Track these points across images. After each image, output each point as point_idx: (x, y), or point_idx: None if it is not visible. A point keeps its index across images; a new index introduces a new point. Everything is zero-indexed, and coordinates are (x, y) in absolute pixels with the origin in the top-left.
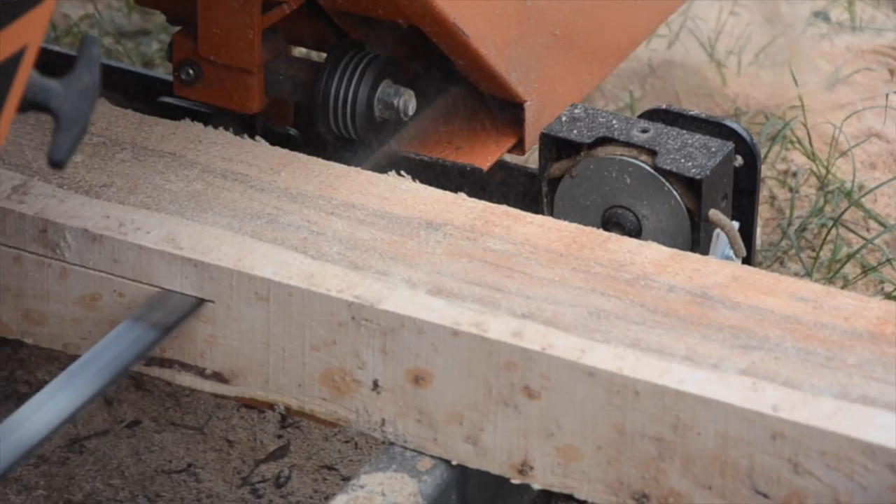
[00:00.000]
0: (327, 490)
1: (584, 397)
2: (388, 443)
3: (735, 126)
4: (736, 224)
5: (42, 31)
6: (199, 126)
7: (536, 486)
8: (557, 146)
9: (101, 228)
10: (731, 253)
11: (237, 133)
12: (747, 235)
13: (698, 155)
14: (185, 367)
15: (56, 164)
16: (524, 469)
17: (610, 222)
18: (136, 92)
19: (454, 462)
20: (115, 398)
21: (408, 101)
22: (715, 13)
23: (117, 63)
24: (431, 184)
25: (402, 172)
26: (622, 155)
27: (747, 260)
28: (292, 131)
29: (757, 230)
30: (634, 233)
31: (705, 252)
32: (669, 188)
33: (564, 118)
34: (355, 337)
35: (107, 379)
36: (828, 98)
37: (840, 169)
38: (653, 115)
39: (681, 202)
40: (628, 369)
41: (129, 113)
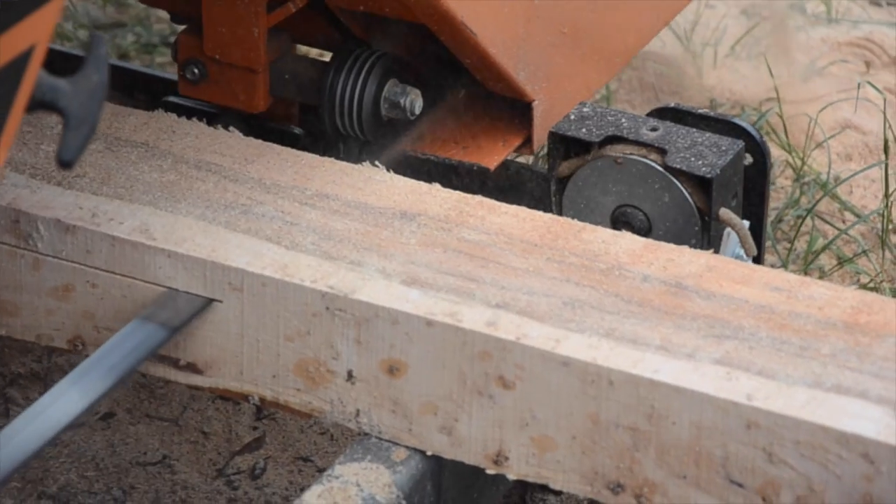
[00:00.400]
0: (303, 481)
1: (559, 387)
2: (363, 433)
3: (744, 124)
4: (746, 223)
5: (50, 31)
6: (173, 117)
7: (511, 477)
8: (566, 145)
9: (74, 219)
10: (742, 252)
11: (244, 133)
12: (757, 234)
13: (708, 153)
14: (160, 358)
15: (65, 164)
16: (499, 459)
17: (619, 221)
18: (140, 91)
19: (429, 453)
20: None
21: (414, 101)
22: (692, 5)
23: (121, 62)
24: (442, 184)
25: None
26: (631, 153)
27: (757, 259)
28: (297, 130)
29: (766, 229)
30: (644, 232)
31: (716, 251)
32: (679, 187)
33: (573, 116)
34: (329, 327)
35: (115, 379)
36: (804, 90)
37: (816, 160)
38: (661, 114)
39: (691, 201)
40: (602, 359)
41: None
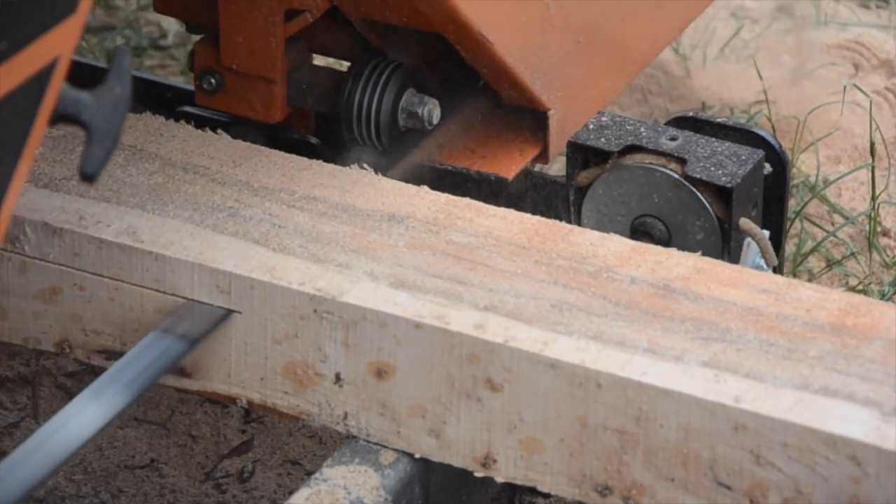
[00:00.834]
0: (291, 484)
1: (547, 390)
2: (351, 436)
3: (763, 133)
4: (766, 233)
5: (73, 43)
6: (160, 119)
7: (499, 479)
8: (585, 154)
9: (61, 221)
10: (762, 262)
11: (259, 143)
12: (776, 244)
13: (728, 163)
14: None
15: (88, 178)
16: (487, 462)
17: (638, 231)
18: (153, 101)
19: (417, 455)
20: (78, 393)
21: (432, 110)
22: None
23: (136, 73)
24: (456, 194)
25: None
26: (651, 163)
27: (776, 269)
28: (313, 140)
29: (785, 238)
30: (663, 242)
31: (736, 261)
32: (699, 197)
33: (591, 126)
34: (317, 330)
35: (134, 393)
36: (792, 92)
37: (804, 163)
38: (679, 123)
39: (711, 211)
40: (590, 361)
41: None
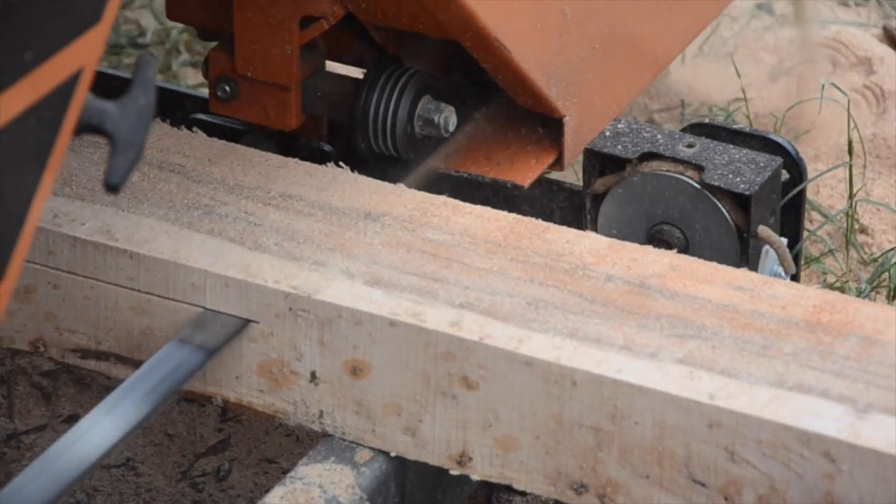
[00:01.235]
0: (268, 483)
1: (522, 387)
2: (327, 435)
3: (780, 140)
4: (784, 240)
5: (98, 53)
6: None
7: (475, 478)
8: (601, 162)
9: None
10: (781, 270)
11: (271, 151)
12: (793, 252)
13: (746, 170)
14: (122, 360)
15: (112, 188)
16: (463, 460)
17: (655, 239)
18: (167, 109)
19: (393, 454)
20: (54, 392)
21: (448, 118)
22: None
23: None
24: (472, 202)
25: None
26: (668, 171)
27: (794, 277)
28: (326, 147)
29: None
30: (681, 250)
31: (754, 269)
32: (717, 204)
33: (608, 133)
34: (293, 328)
35: (151, 405)
36: (771, 90)
37: None
38: (695, 129)
39: (729, 218)
40: (566, 359)
41: None
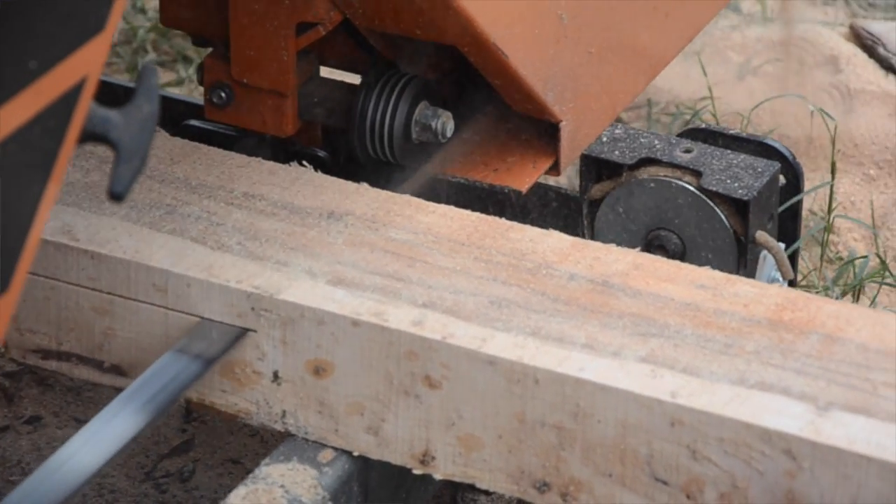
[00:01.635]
0: (232, 484)
1: (485, 386)
2: (290, 435)
3: (777, 144)
4: (782, 245)
5: (102, 62)
6: None
7: (438, 477)
8: (598, 167)
9: None
10: (779, 275)
11: (266, 157)
12: (791, 257)
13: (744, 175)
14: (83, 361)
15: (116, 197)
16: (426, 459)
17: (653, 245)
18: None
19: (356, 453)
20: (16, 394)
21: (446, 123)
22: None
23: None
24: (471, 208)
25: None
26: (666, 176)
27: (792, 282)
28: (321, 153)
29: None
30: (678, 255)
31: (752, 275)
32: (715, 209)
33: (605, 139)
34: (255, 328)
35: (150, 416)
36: (738, 89)
37: None
38: (691, 134)
39: (727, 224)
40: (528, 357)
41: None
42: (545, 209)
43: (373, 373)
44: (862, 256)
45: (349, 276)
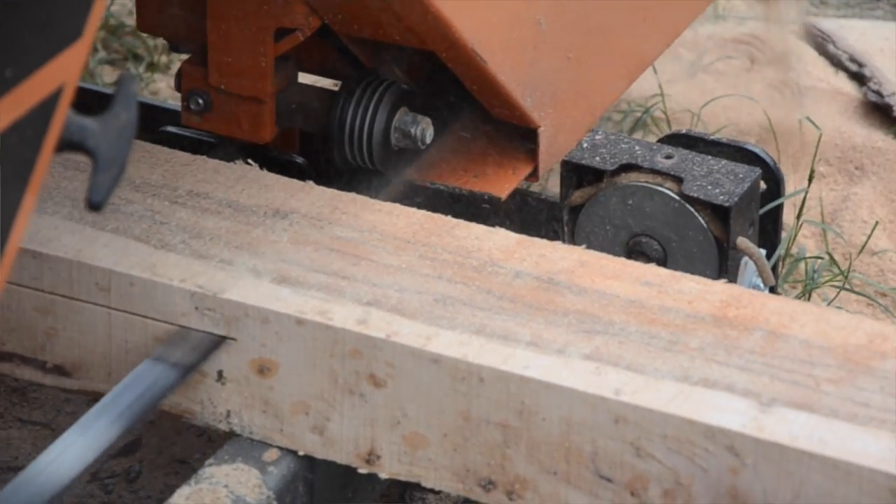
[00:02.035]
0: (178, 484)
1: (430, 384)
2: (234, 434)
3: (757, 150)
4: (763, 252)
5: (79, 70)
6: None
7: (383, 476)
8: (579, 173)
9: None
10: (760, 282)
11: (245, 163)
12: (771, 262)
13: (725, 181)
14: (26, 361)
15: (95, 207)
16: (371, 458)
17: (634, 251)
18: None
19: (301, 453)
20: None
21: (425, 130)
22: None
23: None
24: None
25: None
26: (646, 182)
27: (772, 288)
28: (299, 159)
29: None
30: (659, 262)
31: (734, 281)
32: (696, 216)
33: (585, 145)
34: (199, 327)
35: (125, 425)
36: (689, 86)
37: None
38: (672, 140)
39: (708, 230)
40: (473, 356)
41: None
42: None
43: (317, 372)
44: (817, 257)
45: (294, 275)
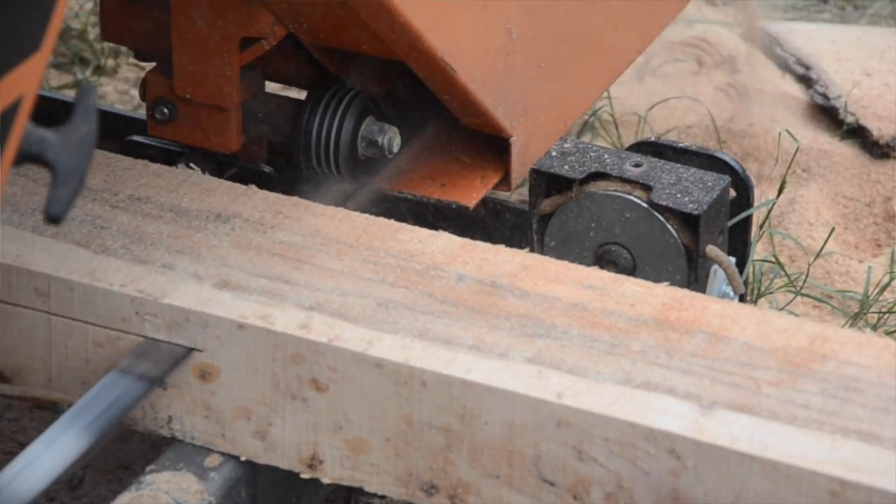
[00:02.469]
0: (121, 490)
1: (372, 389)
2: (176, 440)
3: (727, 158)
4: (733, 260)
5: (38, 81)
6: None
7: (326, 480)
8: (548, 182)
9: None
10: (730, 290)
11: (212, 173)
12: (741, 270)
13: (694, 189)
14: None
15: (53, 220)
16: (313, 463)
17: (603, 260)
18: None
19: (243, 458)
20: None
21: (392, 139)
22: None
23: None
24: (422, 224)
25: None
26: (615, 190)
27: (742, 296)
28: (267, 169)
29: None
30: (628, 271)
31: (703, 290)
32: (665, 224)
33: (554, 153)
34: (140, 332)
35: (94, 436)
36: (637, 89)
37: None
38: (641, 148)
39: (677, 238)
40: (415, 360)
41: None
42: None
43: (259, 376)
44: (765, 260)
45: (235, 279)
